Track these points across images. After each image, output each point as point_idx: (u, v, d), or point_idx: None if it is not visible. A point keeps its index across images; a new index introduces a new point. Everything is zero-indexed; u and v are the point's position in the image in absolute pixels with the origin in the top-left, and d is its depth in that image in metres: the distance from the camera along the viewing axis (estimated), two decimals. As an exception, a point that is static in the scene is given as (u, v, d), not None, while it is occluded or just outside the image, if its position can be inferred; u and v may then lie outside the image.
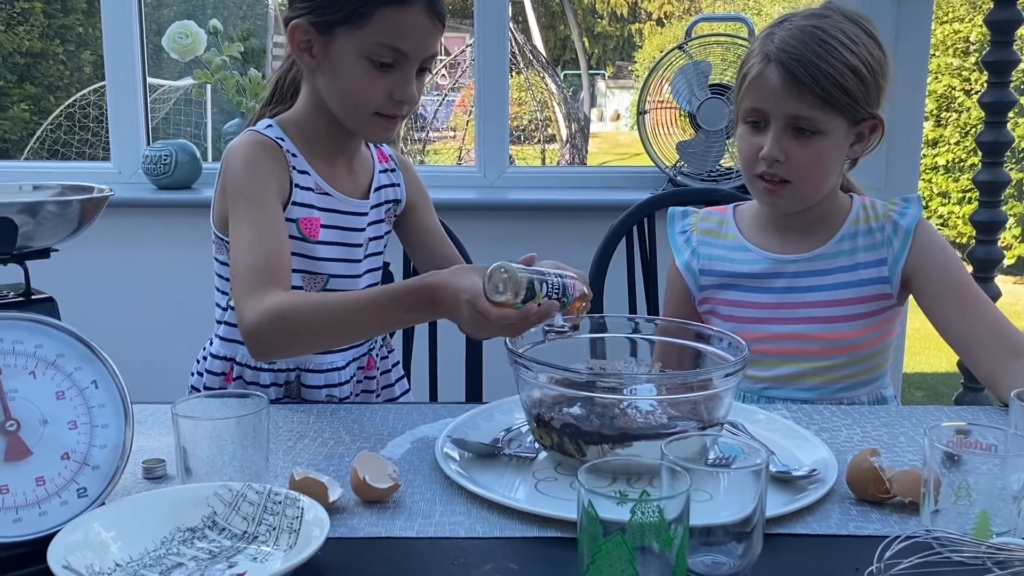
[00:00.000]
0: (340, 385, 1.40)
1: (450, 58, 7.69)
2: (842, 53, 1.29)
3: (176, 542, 0.86)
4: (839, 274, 1.40)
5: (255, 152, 1.30)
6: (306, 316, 1.14)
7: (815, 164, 1.34)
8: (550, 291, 1.03)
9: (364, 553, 0.87)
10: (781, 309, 1.41)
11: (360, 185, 1.41)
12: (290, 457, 1.09)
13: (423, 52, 1.27)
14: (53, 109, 6.25)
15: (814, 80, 1.29)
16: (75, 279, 2.42)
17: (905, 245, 1.38)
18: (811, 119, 1.31)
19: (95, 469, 0.89)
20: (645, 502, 0.74)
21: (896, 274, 1.38)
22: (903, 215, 1.40)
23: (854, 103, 1.31)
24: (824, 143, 1.33)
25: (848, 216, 1.42)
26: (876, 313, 1.39)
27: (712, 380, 1.01)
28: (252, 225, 1.24)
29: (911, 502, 0.95)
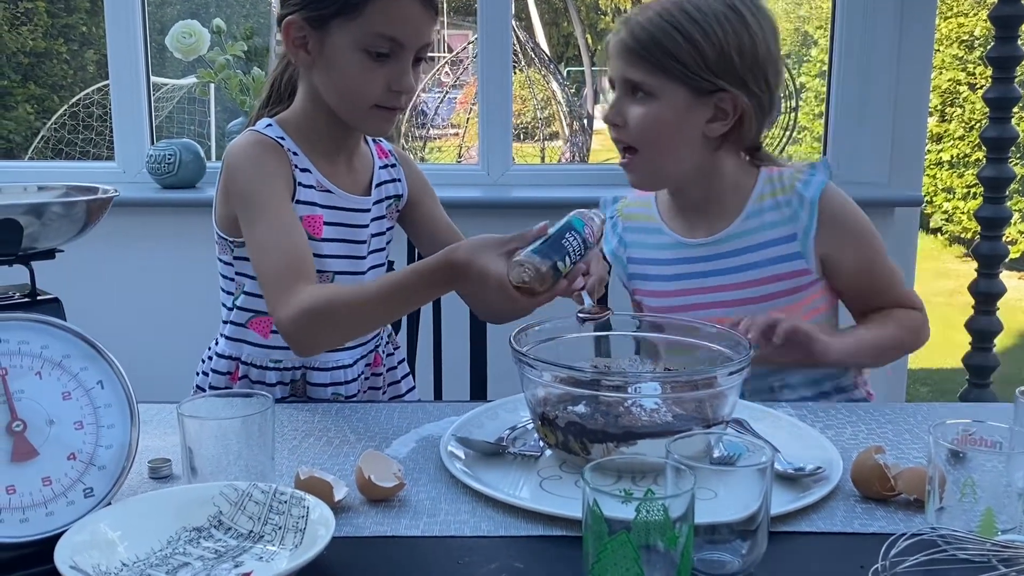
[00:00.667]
0: (347, 383, 1.40)
1: (452, 55, 7.69)
2: (680, 21, 1.30)
3: (182, 542, 0.86)
4: (748, 253, 1.38)
5: (258, 152, 1.30)
6: (338, 307, 1.16)
7: (651, 127, 1.34)
8: (574, 258, 1.05)
9: (369, 552, 0.87)
10: (698, 294, 1.40)
11: (361, 182, 1.41)
12: (295, 456, 1.09)
13: (418, 41, 1.27)
14: (57, 109, 6.25)
15: (637, 41, 1.31)
16: (80, 279, 2.42)
17: (812, 217, 1.35)
18: (641, 82, 1.32)
19: (101, 469, 0.89)
20: (650, 501, 0.74)
21: (808, 248, 1.36)
22: (807, 184, 1.37)
23: (686, 69, 1.30)
24: (657, 106, 1.32)
25: (753, 192, 1.40)
26: (798, 290, 1.37)
27: (716, 378, 1.01)
28: (267, 227, 1.24)
29: (916, 499, 0.95)
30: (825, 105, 2.69)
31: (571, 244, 1.05)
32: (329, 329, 1.18)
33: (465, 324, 1.67)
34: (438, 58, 9.17)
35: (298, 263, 1.22)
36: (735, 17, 1.31)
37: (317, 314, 1.15)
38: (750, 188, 1.40)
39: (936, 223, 6.95)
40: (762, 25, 1.33)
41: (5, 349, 0.86)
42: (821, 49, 6.43)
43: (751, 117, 1.34)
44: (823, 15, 6.59)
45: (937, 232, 7.04)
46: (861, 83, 2.57)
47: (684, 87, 1.31)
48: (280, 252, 1.22)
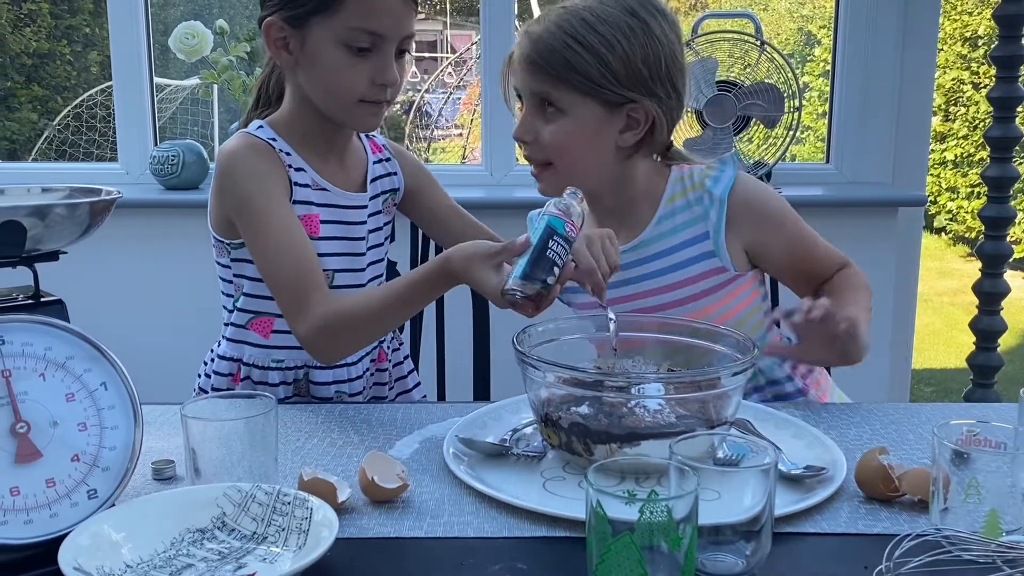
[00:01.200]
0: (351, 381, 1.40)
1: (456, 55, 7.69)
2: (582, 34, 1.26)
3: (186, 543, 0.86)
4: (663, 258, 1.36)
5: (251, 156, 1.29)
6: (356, 316, 1.22)
7: (563, 143, 1.31)
8: (562, 262, 1.06)
9: (373, 553, 0.87)
10: (622, 303, 1.36)
11: (355, 179, 1.41)
12: (299, 457, 1.09)
13: (399, 32, 1.27)
14: (60, 110, 6.26)
15: (545, 60, 1.28)
16: (83, 280, 2.42)
17: (721, 215, 1.33)
18: (548, 97, 1.30)
19: (105, 470, 0.89)
20: (653, 502, 0.74)
21: (720, 245, 1.33)
22: (717, 181, 1.34)
23: (594, 84, 1.27)
24: (568, 122, 1.30)
25: (664, 195, 1.37)
26: (716, 288, 1.35)
27: (720, 379, 1.00)
28: (269, 235, 1.25)
29: (920, 500, 0.95)
30: (829, 105, 2.69)
31: (556, 251, 1.06)
32: (349, 338, 1.24)
33: (468, 325, 1.67)
34: (441, 59, 9.17)
35: (308, 272, 1.24)
36: (639, 25, 1.28)
37: (338, 326, 1.21)
38: (662, 191, 1.37)
39: (940, 223, 6.94)
40: (665, 31, 1.30)
41: (9, 351, 0.87)
42: (824, 48, 6.42)
43: (662, 123, 1.32)
44: (826, 14, 6.59)
45: (941, 232, 7.03)
46: (865, 82, 2.57)
47: (594, 101, 1.29)
48: (287, 262, 1.24)
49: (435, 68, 8.72)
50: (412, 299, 1.22)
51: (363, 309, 1.22)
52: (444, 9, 13.74)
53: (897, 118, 2.58)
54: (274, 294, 1.27)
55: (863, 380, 2.32)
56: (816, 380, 1.45)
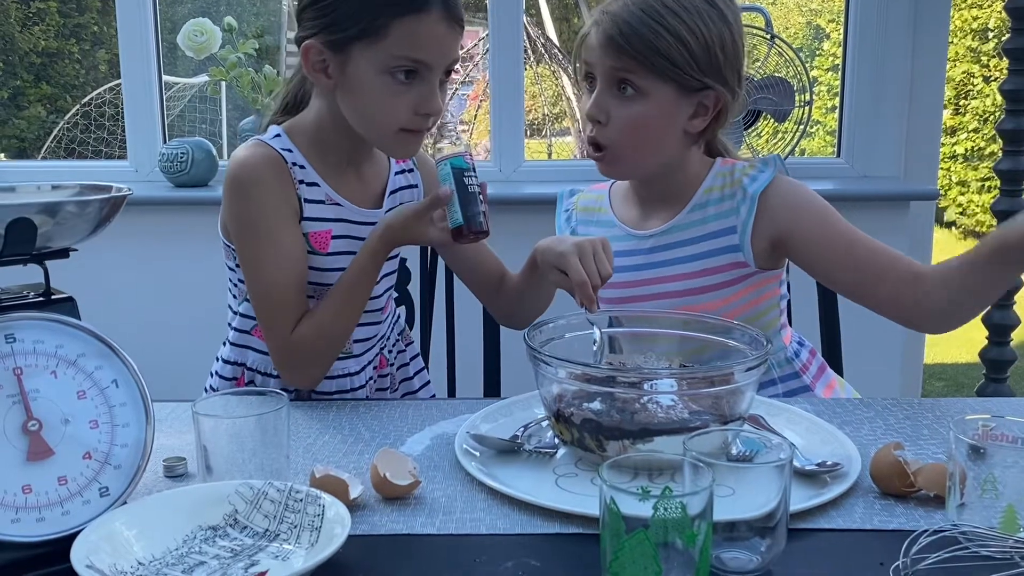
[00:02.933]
0: (354, 390, 1.39)
1: (463, 51, 7.68)
2: (665, 18, 1.27)
3: (198, 540, 0.86)
4: (690, 246, 1.37)
5: (260, 171, 1.26)
6: (313, 335, 1.26)
7: (635, 127, 1.32)
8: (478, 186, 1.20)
9: (385, 550, 0.87)
10: (644, 286, 1.39)
11: (372, 192, 1.37)
12: (310, 454, 1.09)
13: (445, 60, 1.23)
14: (69, 108, 6.27)
15: (628, 41, 1.28)
16: (93, 278, 2.42)
17: (751, 212, 1.33)
18: (631, 78, 1.30)
19: (117, 468, 0.89)
20: (668, 498, 0.74)
21: (746, 242, 1.33)
22: (754, 180, 1.35)
23: (677, 69, 1.28)
24: (645, 106, 1.31)
25: (703, 184, 1.38)
26: (735, 282, 1.35)
27: (733, 374, 1.00)
28: (257, 256, 1.26)
29: (936, 496, 0.94)
30: (839, 98, 2.68)
31: (472, 182, 1.19)
32: (320, 355, 1.28)
33: (478, 320, 1.67)
34: (448, 55, 9.14)
35: (286, 296, 1.26)
36: (715, 12, 1.29)
37: (304, 349, 1.26)
38: (701, 179, 1.39)
39: (950, 216, 6.91)
40: (737, 17, 1.33)
41: (20, 348, 0.86)
42: (833, 42, 6.40)
43: (728, 110, 1.34)
44: (835, 8, 6.56)
45: (951, 226, 7.00)
46: (875, 76, 2.56)
47: (671, 85, 1.30)
48: (268, 284, 1.26)
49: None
50: (363, 283, 1.27)
51: (321, 322, 1.26)
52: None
53: (908, 112, 2.57)
54: (256, 314, 1.29)
55: (874, 375, 2.31)
56: (829, 383, 1.44)
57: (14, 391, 0.85)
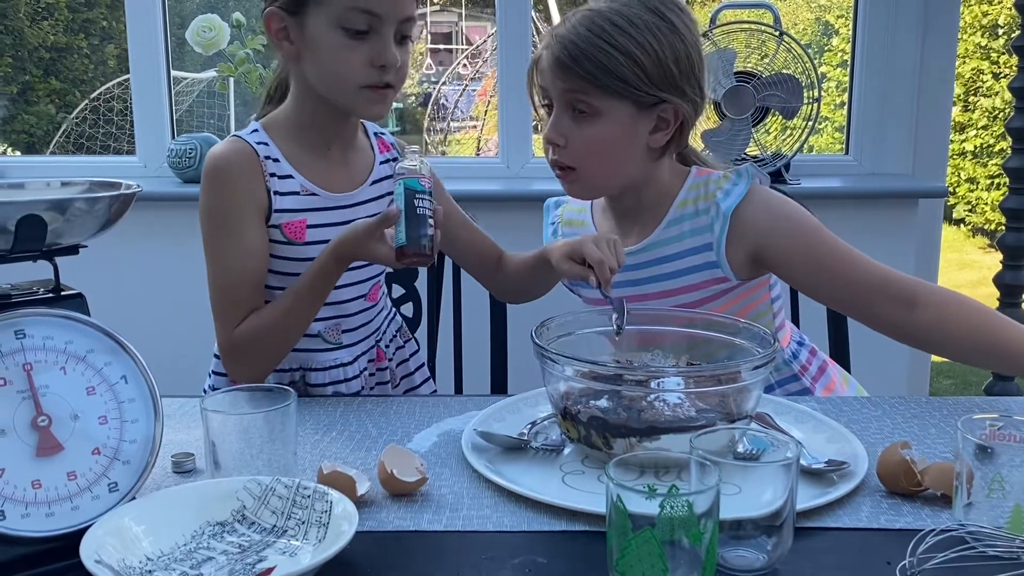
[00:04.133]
0: (348, 381, 1.40)
1: (472, 48, 7.68)
2: (613, 36, 1.26)
3: (206, 536, 0.86)
4: (667, 263, 1.35)
5: (225, 168, 1.30)
6: (259, 331, 1.28)
7: (595, 148, 1.31)
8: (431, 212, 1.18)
9: (393, 547, 0.87)
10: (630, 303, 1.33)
11: (357, 177, 1.39)
12: (317, 451, 1.09)
13: (397, 13, 1.26)
14: (78, 103, 6.28)
15: (576, 63, 1.27)
16: (102, 274, 2.42)
17: (724, 229, 1.31)
18: (583, 99, 1.29)
19: (125, 464, 0.90)
20: (674, 496, 0.74)
21: (722, 257, 1.32)
22: (727, 195, 1.32)
23: (629, 86, 1.27)
24: (602, 125, 1.29)
25: (677, 198, 1.36)
26: (718, 296, 1.35)
27: (740, 373, 1.00)
28: (212, 252, 1.31)
29: (943, 495, 0.94)
30: (848, 95, 2.67)
31: (423, 205, 1.17)
32: (258, 354, 1.30)
33: (485, 318, 1.67)
34: (457, 51, 9.15)
35: (245, 293, 1.29)
36: (665, 26, 1.28)
37: (244, 346, 1.29)
38: (672, 197, 1.37)
39: (959, 214, 6.89)
40: (690, 28, 1.30)
41: (30, 344, 0.87)
42: (842, 38, 6.38)
43: (689, 122, 1.32)
44: (844, 4, 6.54)
45: (960, 223, 6.97)
46: (884, 72, 2.55)
47: (626, 102, 1.28)
48: (220, 280, 1.30)
49: (450, 60, 8.71)
50: (314, 292, 1.28)
51: (268, 323, 1.28)
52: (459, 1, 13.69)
53: (917, 109, 2.56)
54: (211, 303, 1.32)
55: (882, 373, 2.30)
56: (828, 384, 1.44)
57: (24, 387, 0.86)
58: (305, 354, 1.38)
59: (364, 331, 1.43)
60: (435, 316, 1.73)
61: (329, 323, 1.38)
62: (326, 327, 1.38)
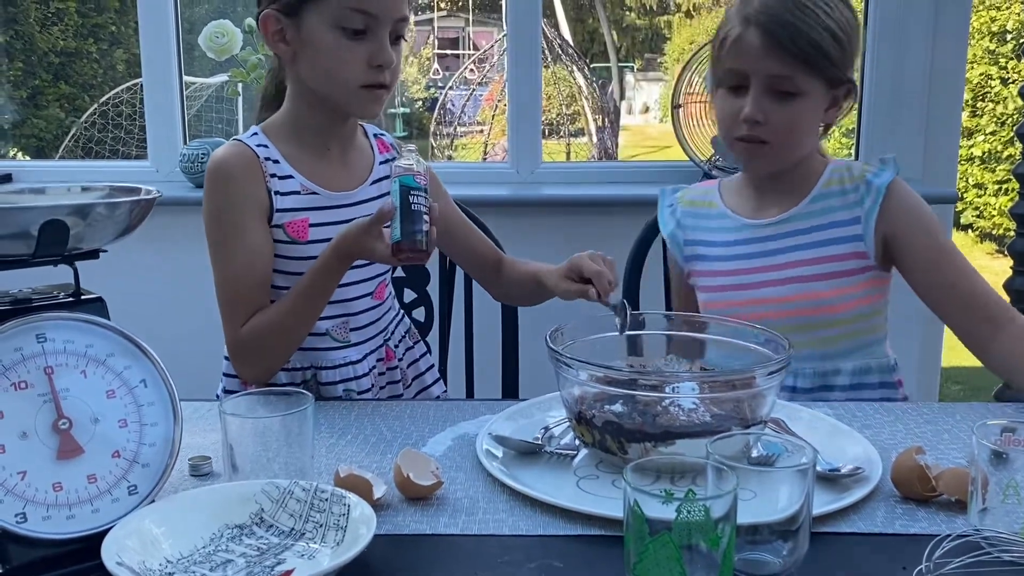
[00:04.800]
0: (358, 379, 1.41)
1: (479, 52, 7.69)
2: (817, 14, 1.30)
3: (225, 539, 0.87)
4: (813, 233, 1.40)
5: (227, 171, 1.32)
6: (264, 330, 1.29)
7: (793, 125, 1.35)
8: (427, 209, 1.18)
9: (410, 550, 0.88)
10: (757, 273, 1.42)
11: (357, 176, 1.41)
12: (333, 454, 1.10)
13: (391, 13, 1.28)
14: (87, 107, 6.30)
15: (793, 41, 1.29)
16: (120, 278, 2.43)
17: (876, 203, 1.37)
18: (791, 80, 1.32)
19: (145, 467, 0.90)
20: (691, 501, 0.74)
21: (869, 232, 1.37)
22: (878, 175, 1.39)
23: (832, 65, 1.32)
24: (803, 105, 1.34)
25: (821, 178, 1.42)
26: (853, 272, 1.39)
27: (755, 378, 1.00)
28: (217, 253, 1.33)
29: (957, 500, 0.95)
30: (858, 100, 2.67)
31: (418, 202, 1.18)
32: (263, 353, 1.31)
33: (497, 321, 1.68)
34: (464, 56, 9.17)
35: (241, 292, 1.31)
36: (848, 10, 1.34)
37: (250, 345, 1.30)
38: (819, 173, 1.43)
39: (967, 219, 6.87)
40: (852, 9, 1.35)
41: (51, 348, 0.88)
42: (850, 44, 6.37)
43: (855, 99, 1.38)
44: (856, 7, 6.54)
45: (968, 228, 6.96)
46: (894, 78, 2.55)
47: (822, 81, 1.33)
48: (226, 281, 1.32)
49: (457, 65, 8.73)
50: (317, 291, 1.28)
51: (272, 321, 1.29)
52: (467, 6, 13.73)
53: (927, 114, 2.56)
54: (218, 304, 1.33)
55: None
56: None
57: (45, 390, 0.87)
58: (315, 353, 1.39)
59: (372, 329, 1.44)
60: (446, 320, 1.74)
61: (336, 321, 1.39)
62: (333, 325, 1.39)
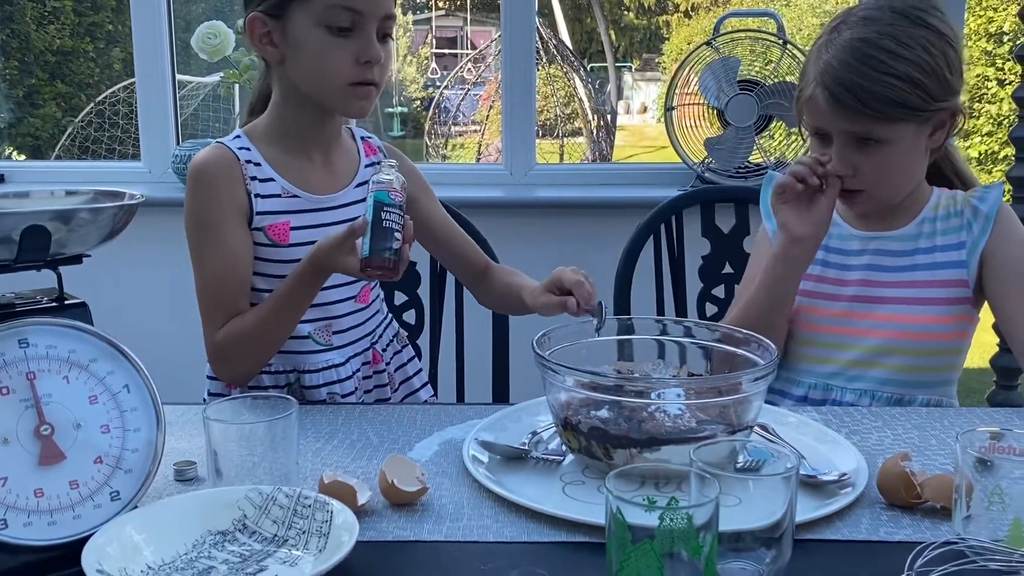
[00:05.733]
0: (341, 382, 1.40)
1: (476, 52, 7.69)
2: (891, 65, 1.26)
3: (207, 545, 0.86)
4: (916, 256, 1.39)
5: (207, 174, 1.32)
6: (241, 334, 1.29)
7: (885, 171, 1.34)
8: (399, 226, 1.17)
9: (393, 557, 0.88)
10: (853, 287, 1.41)
11: (341, 179, 1.40)
12: (319, 459, 1.10)
13: (378, 10, 1.28)
14: (83, 107, 6.29)
15: (861, 102, 1.27)
16: (106, 280, 2.42)
17: (986, 230, 1.36)
18: (869, 133, 1.30)
19: (127, 472, 0.90)
20: (674, 509, 0.74)
21: (974, 259, 1.36)
22: (983, 200, 1.39)
23: (914, 110, 1.28)
24: (890, 151, 1.31)
25: (929, 201, 1.41)
26: (949, 302, 1.38)
27: (742, 384, 1.00)
28: (198, 255, 1.33)
29: (943, 507, 0.94)
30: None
31: (390, 219, 1.16)
32: (241, 356, 1.31)
33: (488, 326, 1.67)
34: (461, 55, 9.17)
35: (221, 296, 1.31)
36: (932, 35, 1.29)
37: (228, 348, 1.30)
38: (927, 197, 1.42)
39: (963, 220, 6.87)
40: (950, 26, 1.32)
41: (33, 353, 0.87)
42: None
43: (963, 115, 1.35)
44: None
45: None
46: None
47: (911, 123, 1.30)
48: (206, 284, 1.32)
49: (455, 65, 8.73)
50: (295, 298, 1.27)
51: (247, 324, 1.29)
52: (465, 5, 13.72)
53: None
54: (198, 307, 1.33)
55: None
56: None
57: (27, 395, 0.86)
58: (297, 356, 1.38)
59: (356, 333, 1.43)
60: (437, 324, 1.73)
61: (319, 324, 1.38)
62: (316, 328, 1.38)
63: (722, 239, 1.77)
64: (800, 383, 1.42)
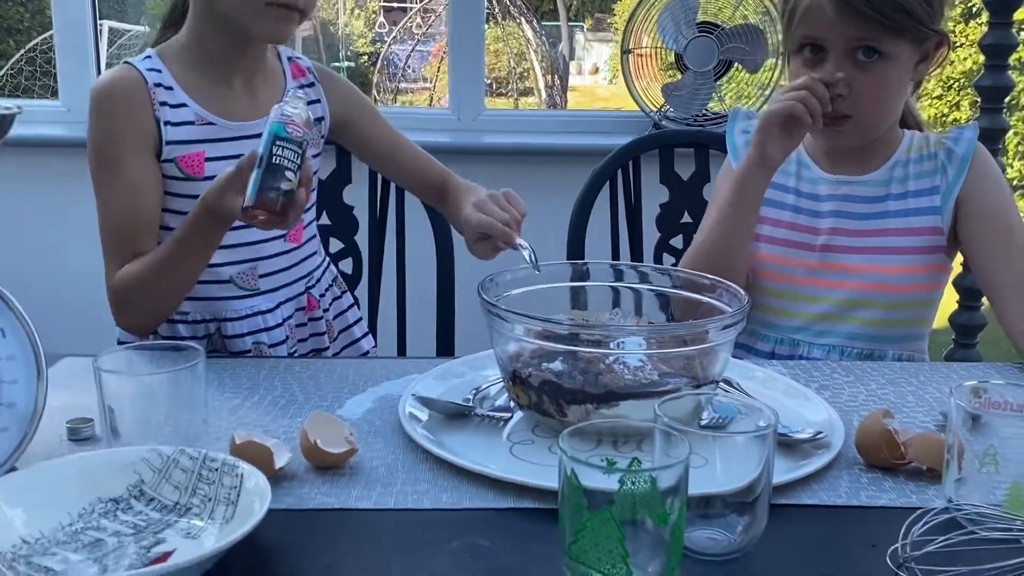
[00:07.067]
0: (269, 330, 1.29)
1: (423, 3, 7.50)
2: None
3: (96, 515, 0.75)
4: (889, 201, 1.32)
5: (108, 97, 1.20)
6: (136, 280, 1.17)
7: (880, 93, 1.26)
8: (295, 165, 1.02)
9: (315, 526, 0.77)
10: (826, 235, 1.32)
11: (263, 105, 1.26)
12: (235, 418, 0.98)
13: None
14: (13, 53, 6.03)
15: (872, 6, 1.20)
16: (18, 221, 2.27)
17: (961, 173, 1.30)
18: (872, 44, 1.22)
19: (3, 431, 0.78)
20: (636, 471, 0.64)
21: (949, 205, 1.30)
22: (958, 141, 1.32)
23: (918, 24, 1.22)
24: (889, 69, 1.24)
25: (901, 144, 1.34)
26: (922, 251, 1.31)
27: (708, 333, 0.90)
28: (100, 191, 1.21)
29: (929, 469, 0.86)
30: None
31: (283, 155, 1.01)
32: (139, 304, 1.20)
33: (431, 275, 1.56)
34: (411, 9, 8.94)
35: (123, 233, 1.20)
36: None
37: (126, 289, 1.18)
38: (899, 140, 1.35)
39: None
40: None
41: None
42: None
43: (947, 50, 1.30)
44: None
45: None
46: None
47: (908, 41, 1.24)
48: (108, 221, 1.21)
49: (403, 19, 8.51)
50: (189, 247, 1.14)
51: (148, 268, 1.17)
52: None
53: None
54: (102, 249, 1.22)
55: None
56: None
57: None
58: (218, 303, 1.26)
59: (286, 276, 1.31)
60: (376, 272, 1.61)
61: (243, 267, 1.26)
62: (239, 272, 1.26)
63: (682, 186, 1.68)
64: (767, 337, 1.34)
